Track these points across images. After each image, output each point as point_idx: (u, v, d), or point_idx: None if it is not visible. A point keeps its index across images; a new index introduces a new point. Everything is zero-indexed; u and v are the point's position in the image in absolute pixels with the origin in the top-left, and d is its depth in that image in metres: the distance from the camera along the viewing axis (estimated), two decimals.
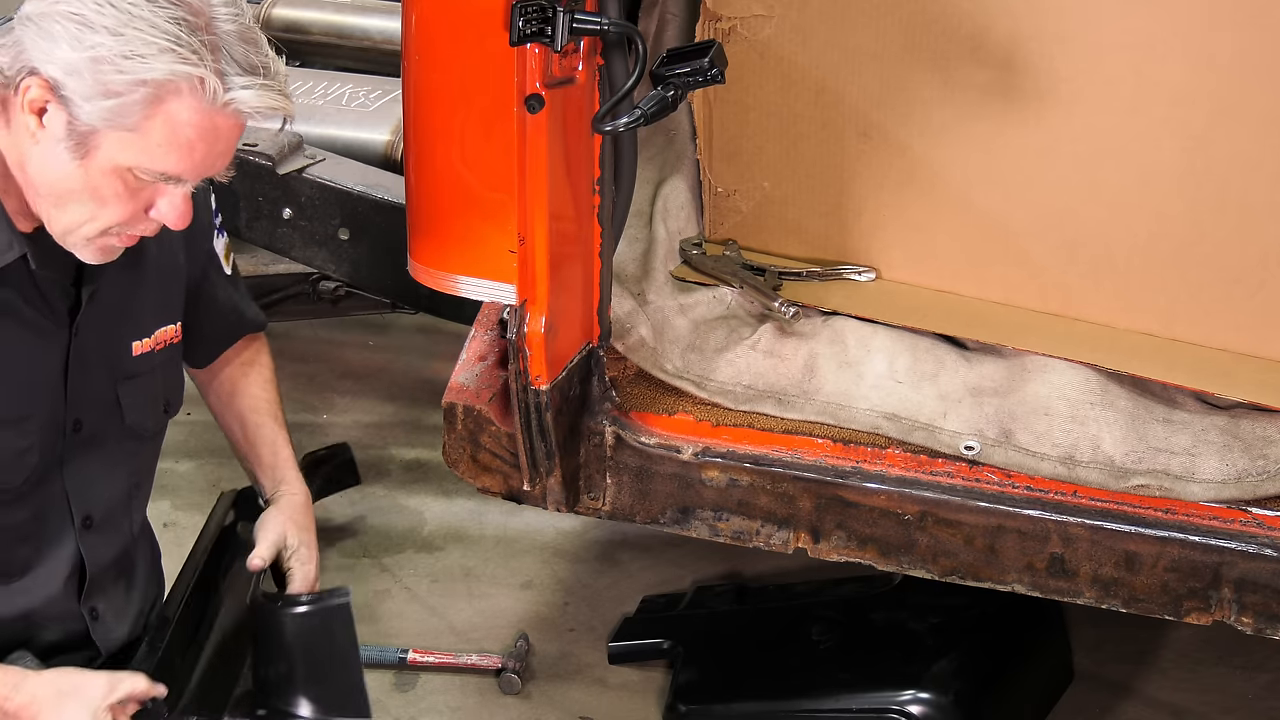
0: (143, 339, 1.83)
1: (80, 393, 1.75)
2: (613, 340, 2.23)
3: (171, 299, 1.89)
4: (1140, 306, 2.29)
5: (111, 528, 1.84)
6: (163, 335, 1.86)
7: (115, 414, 1.80)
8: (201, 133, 1.55)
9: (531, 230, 1.93)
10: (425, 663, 3.01)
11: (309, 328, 4.34)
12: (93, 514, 1.81)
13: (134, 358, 1.81)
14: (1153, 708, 2.92)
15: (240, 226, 3.03)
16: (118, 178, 1.57)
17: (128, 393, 1.81)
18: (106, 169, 1.56)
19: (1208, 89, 2.13)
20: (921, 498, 2.09)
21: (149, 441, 1.90)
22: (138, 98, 1.51)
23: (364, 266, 3.02)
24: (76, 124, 1.53)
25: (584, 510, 2.23)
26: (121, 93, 1.50)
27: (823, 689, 2.78)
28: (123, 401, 1.81)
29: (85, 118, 1.52)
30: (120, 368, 1.80)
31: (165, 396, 1.89)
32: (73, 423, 1.75)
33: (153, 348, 1.84)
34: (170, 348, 1.88)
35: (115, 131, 1.53)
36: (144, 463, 1.91)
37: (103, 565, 1.83)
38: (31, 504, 1.74)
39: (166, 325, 1.87)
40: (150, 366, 1.84)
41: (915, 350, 2.24)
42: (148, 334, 1.83)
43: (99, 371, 1.77)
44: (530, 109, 1.85)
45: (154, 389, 1.86)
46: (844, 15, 2.29)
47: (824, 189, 2.43)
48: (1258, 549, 1.99)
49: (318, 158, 3.01)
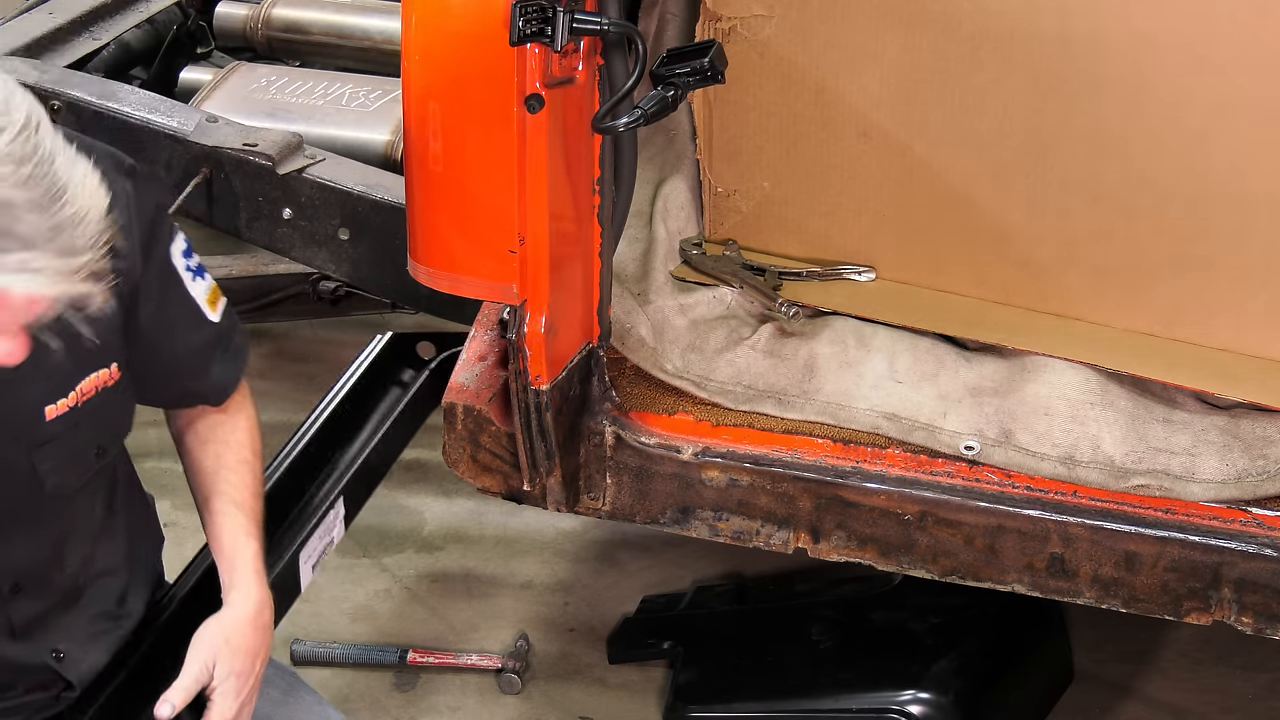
0: (58, 400, 1.64)
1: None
2: (613, 340, 2.23)
3: (104, 341, 1.64)
4: (1140, 306, 2.29)
5: (41, 584, 1.73)
6: (88, 386, 1.68)
7: (32, 482, 1.65)
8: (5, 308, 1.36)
9: (531, 230, 1.93)
10: (425, 663, 3.01)
11: (309, 328, 4.33)
12: (20, 580, 1.70)
13: (47, 423, 1.64)
14: (1153, 708, 2.92)
15: (240, 226, 3.02)
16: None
17: (45, 458, 1.65)
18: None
19: (1208, 88, 2.13)
20: (921, 498, 2.09)
21: (77, 494, 1.74)
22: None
23: (364, 266, 3.01)
24: None
25: (584, 510, 2.23)
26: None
27: (823, 689, 2.78)
28: (39, 468, 1.65)
29: None
30: (33, 435, 1.63)
31: (97, 444, 1.74)
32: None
33: (76, 403, 1.66)
34: (102, 393, 1.70)
35: None
36: (74, 513, 1.76)
37: (38, 618, 1.73)
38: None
39: (95, 372, 1.69)
40: (74, 423, 1.67)
41: (915, 350, 2.24)
42: (64, 394, 1.65)
43: (6, 445, 1.62)
44: (530, 109, 1.85)
45: (78, 443, 1.70)
46: (844, 15, 2.29)
47: (824, 189, 2.43)
48: (1258, 549, 1.99)
49: (318, 158, 3.00)
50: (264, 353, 4.29)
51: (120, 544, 1.87)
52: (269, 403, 3.89)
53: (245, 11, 3.59)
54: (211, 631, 1.77)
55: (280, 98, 3.26)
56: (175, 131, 2.95)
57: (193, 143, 2.94)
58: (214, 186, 2.98)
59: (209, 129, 2.99)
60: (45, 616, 1.75)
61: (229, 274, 3.39)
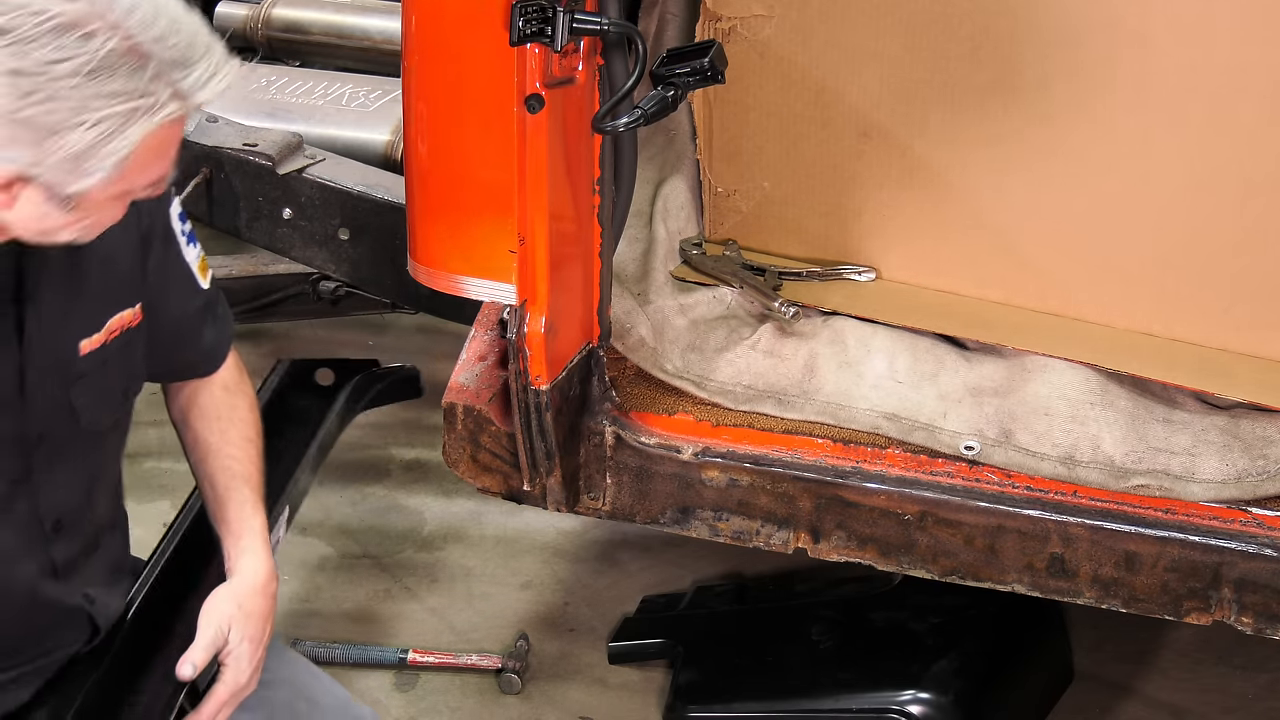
0: (92, 335, 1.75)
1: (37, 405, 1.70)
2: (613, 340, 2.23)
3: (124, 280, 1.80)
4: (1140, 306, 2.29)
5: (78, 524, 1.82)
6: (116, 323, 1.78)
7: (70, 418, 1.75)
8: (175, 138, 1.54)
9: (531, 230, 1.93)
10: (425, 663, 3.01)
11: (309, 328, 4.33)
12: (61, 518, 1.78)
13: (82, 358, 1.75)
14: (1153, 708, 2.92)
15: (240, 226, 3.03)
16: (108, 203, 1.55)
17: (80, 394, 1.75)
18: (99, 202, 1.53)
19: (1208, 88, 2.13)
20: (921, 498, 2.09)
21: (110, 434, 1.84)
22: (118, 160, 1.47)
23: (364, 266, 3.01)
24: (57, 193, 1.48)
25: (584, 510, 2.23)
26: (104, 168, 1.47)
27: (823, 689, 2.78)
28: (76, 404, 1.75)
29: (68, 190, 1.48)
30: (70, 371, 1.74)
31: (124, 384, 1.83)
32: (35, 437, 1.71)
33: (105, 340, 1.77)
34: (127, 333, 1.81)
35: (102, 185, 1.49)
36: (107, 454, 1.86)
37: (74, 559, 1.81)
38: (9, 523, 1.71)
39: (121, 311, 1.79)
40: (103, 360, 1.77)
41: (915, 350, 2.24)
42: (98, 328, 1.76)
43: (51, 379, 1.72)
44: (530, 109, 1.85)
45: (108, 382, 1.80)
46: (844, 15, 2.29)
47: (824, 189, 2.43)
48: (1258, 549, 1.99)
49: (318, 158, 3.01)
50: (264, 353, 4.29)
51: (119, 502, 1.96)
52: None
53: (245, 11, 3.60)
54: (224, 598, 1.85)
55: (280, 98, 3.27)
56: None
57: (193, 143, 2.94)
58: (214, 186, 2.98)
59: (209, 129, 2.99)
60: (77, 560, 1.82)
61: (229, 274, 3.38)
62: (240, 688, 1.84)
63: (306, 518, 3.55)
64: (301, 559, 3.40)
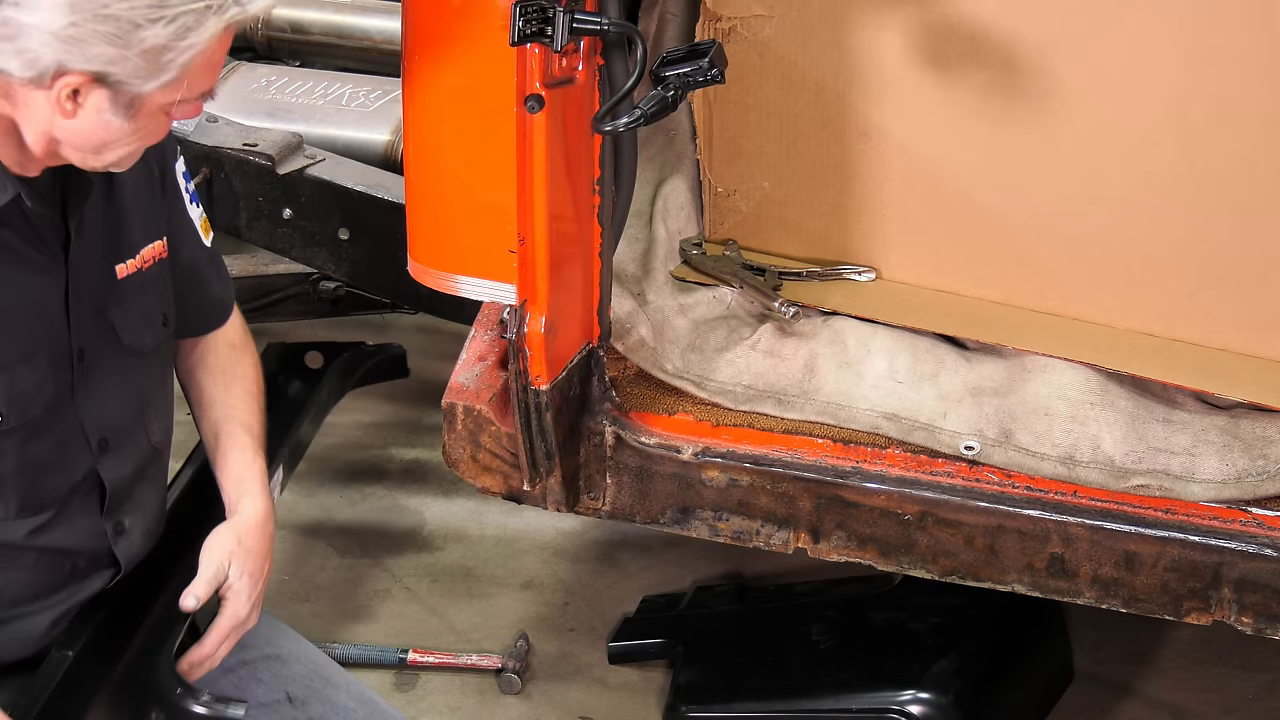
0: (128, 260, 1.85)
1: (80, 322, 1.79)
2: (613, 340, 2.23)
3: (153, 215, 1.91)
4: (1140, 306, 2.29)
5: (128, 444, 1.88)
6: (149, 253, 1.89)
7: (112, 337, 1.84)
8: (224, 49, 1.63)
9: (531, 230, 1.93)
10: (425, 663, 3.01)
11: (309, 328, 4.33)
12: (108, 436, 1.84)
13: (119, 280, 1.84)
14: (1153, 708, 2.92)
15: (240, 226, 3.03)
16: (163, 114, 1.63)
17: (119, 315, 1.84)
18: (153, 111, 1.62)
19: (1208, 89, 2.13)
20: (921, 498, 2.09)
21: (151, 357, 1.91)
22: (189, 58, 1.56)
23: (364, 266, 3.02)
24: (123, 95, 1.57)
25: (584, 510, 2.23)
26: (176, 65, 1.56)
27: (823, 689, 2.78)
28: (116, 324, 1.84)
29: (136, 89, 1.56)
30: (109, 293, 1.83)
31: (161, 310, 1.92)
32: (77, 352, 1.79)
33: (140, 267, 1.87)
34: (159, 263, 1.91)
35: (162, 90, 1.58)
36: (150, 378, 1.93)
37: (123, 481, 1.88)
38: (52, 435, 1.78)
39: (153, 242, 1.90)
40: (139, 285, 1.87)
41: (915, 350, 2.24)
42: (133, 254, 1.86)
43: (92, 299, 1.81)
44: (530, 109, 1.85)
45: (146, 306, 1.89)
46: (844, 15, 2.29)
47: (824, 189, 2.43)
48: (1258, 549, 1.99)
49: (318, 158, 3.01)
50: (264, 352, 4.29)
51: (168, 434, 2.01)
52: None
53: None
54: (225, 535, 1.92)
55: (280, 98, 3.27)
56: (175, 131, 2.95)
57: (193, 143, 2.94)
58: (214, 186, 2.98)
59: (209, 129, 2.99)
60: (131, 482, 1.89)
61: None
62: (240, 621, 1.90)
63: (306, 517, 3.55)
64: (302, 559, 3.40)
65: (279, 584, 3.22)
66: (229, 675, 1.99)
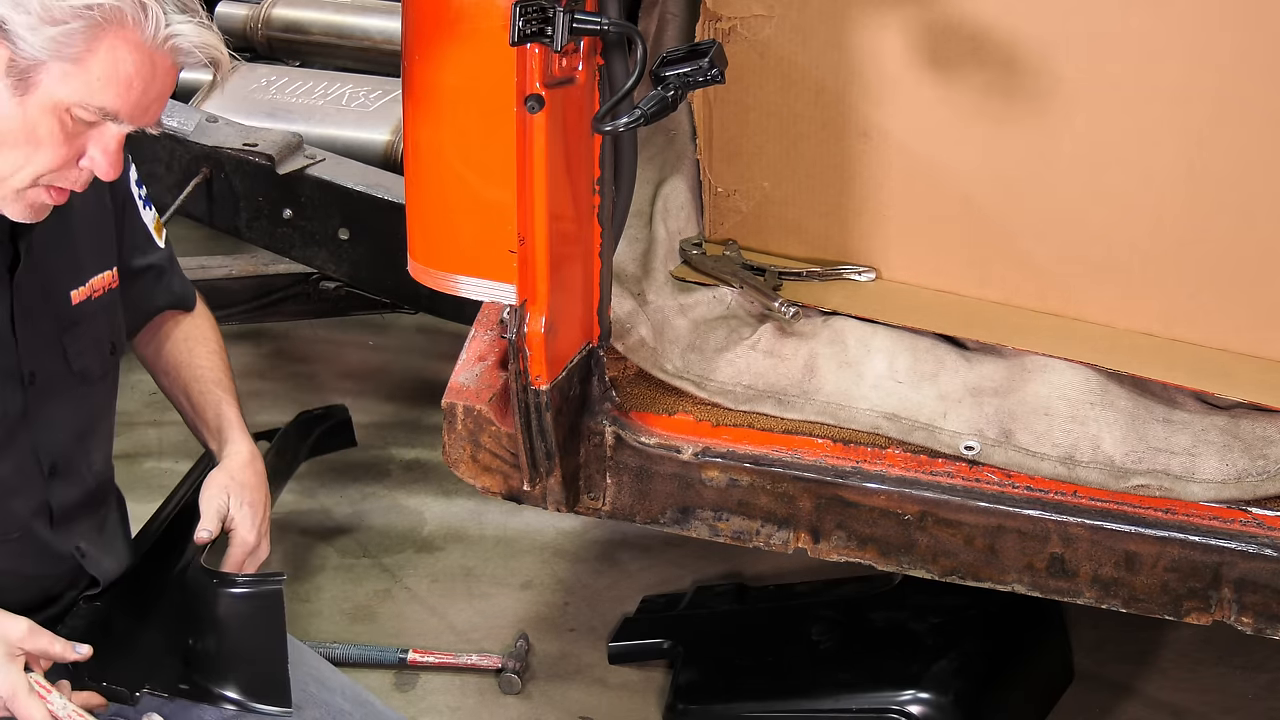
0: (79, 287, 1.87)
1: (29, 345, 1.80)
2: (613, 340, 2.23)
3: (104, 245, 1.93)
4: (1140, 306, 2.29)
5: (73, 472, 1.90)
6: (99, 282, 1.91)
7: (62, 362, 1.85)
8: (140, 69, 1.59)
9: (531, 230, 1.93)
10: (425, 663, 3.01)
11: (309, 328, 4.34)
12: (57, 461, 1.86)
13: (73, 306, 1.86)
14: (1153, 708, 2.92)
15: (240, 226, 3.03)
16: (55, 117, 1.60)
17: (72, 340, 1.86)
18: (46, 106, 1.59)
19: (1208, 89, 2.12)
20: (921, 498, 2.09)
21: (99, 384, 1.93)
22: (81, 25, 1.55)
23: (364, 266, 3.02)
24: (19, 59, 1.56)
25: (584, 510, 2.23)
26: (67, 20, 1.54)
27: (823, 689, 2.78)
28: (68, 350, 1.85)
29: (28, 50, 1.55)
30: (62, 317, 1.85)
31: (110, 339, 1.94)
32: (28, 375, 1.80)
33: (90, 295, 1.89)
34: (109, 293, 1.93)
35: (58, 63, 1.56)
36: (97, 405, 1.95)
37: (70, 508, 1.89)
38: (8, 458, 1.79)
39: (103, 272, 1.92)
40: (92, 312, 1.89)
41: (915, 350, 2.24)
42: (83, 282, 1.88)
43: (43, 323, 1.82)
44: (530, 109, 1.85)
45: (97, 333, 1.91)
46: (844, 15, 2.29)
47: (824, 189, 2.43)
48: (1258, 549, 1.99)
49: (318, 158, 3.01)
50: (264, 353, 4.30)
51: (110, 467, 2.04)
52: (269, 403, 3.91)
53: (245, 11, 3.60)
54: (218, 475, 1.98)
55: (280, 98, 3.27)
56: (175, 131, 2.96)
57: (193, 143, 2.95)
58: (214, 186, 2.99)
59: (209, 129, 3.00)
60: (74, 511, 1.91)
61: (229, 274, 3.39)
62: (250, 547, 1.95)
63: (306, 518, 3.55)
64: (301, 559, 3.40)
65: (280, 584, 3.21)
66: None
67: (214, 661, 1.87)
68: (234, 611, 1.87)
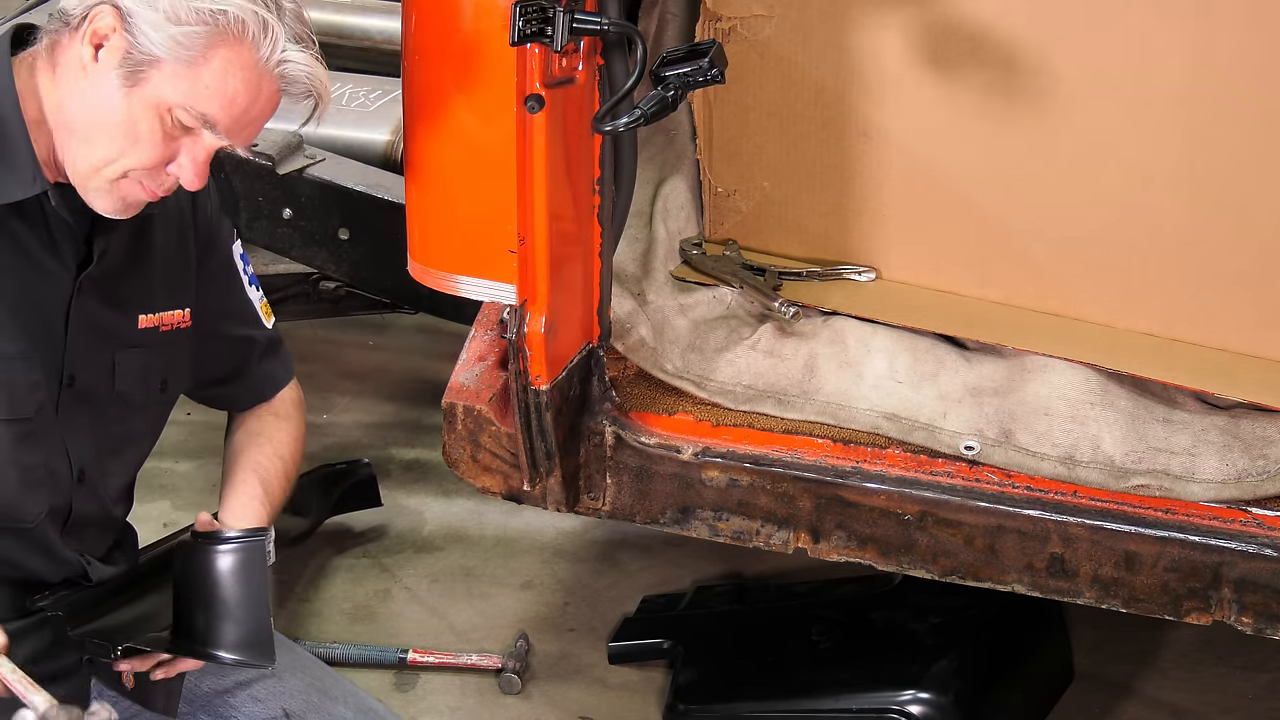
0: (149, 314, 1.86)
1: (78, 349, 1.78)
2: (613, 340, 2.23)
3: (180, 286, 1.92)
4: (1140, 306, 2.29)
5: (93, 484, 1.87)
6: (170, 318, 1.90)
7: (108, 377, 1.83)
8: (247, 85, 1.62)
9: (531, 230, 1.93)
10: (425, 663, 3.01)
11: (309, 328, 4.33)
12: (85, 469, 1.84)
13: (139, 330, 1.85)
14: (1153, 708, 2.92)
15: (240, 226, 3.02)
16: (157, 115, 1.62)
17: (124, 360, 1.84)
18: (150, 102, 1.61)
19: (1208, 89, 2.13)
20: (921, 498, 2.09)
21: (136, 411, 1.90)
22: (204, 31, 1.58)
23: (364, 266, 3.02)
24: (135, 52, 1.58)
25: (584, 510, 2.23)
26: (191, 23, 1.58)
27: (823, 689, 2.78)
28: (118, 367, 1.84)
29: (147, 45, 1.58)
30: (121, 335, 1.84)
31: (164, 375, 1.92)
32: (68, 377, 1.78)
33: (157, 325, 1.88)
34: (177, 332, 1.91)
35: (171, 63, 1.59)
36: (127, 430, 1.91)
37: (85, 519, 1.87)
38: (44, 448, 1.77)
39: (175, 310, 1.90)
40: (151, 341, 1.87)
41: (915, 350, 2.24)
42: (154, 311, 1.87)
43: (100, 332, 1.81)
44: (530, 109, 1.85)
45: (151, 363, 1.89)
46: (844, 15, 2.29)
47: (824, 189, 2.43)
48: (1258, 549, 1.99)
49: (318, 158, 3.01)
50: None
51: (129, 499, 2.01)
52: None
53: None
54: None
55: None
56: None
57: None
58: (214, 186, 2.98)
59: None
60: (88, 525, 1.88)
61: None
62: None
63: None
64: (301, 559, 3.39)
65: (279, 585, 3.21)
66: (224, 697, 1.99)
67: (198, 618, 1.85)
68: (217, 567, 1.86)
